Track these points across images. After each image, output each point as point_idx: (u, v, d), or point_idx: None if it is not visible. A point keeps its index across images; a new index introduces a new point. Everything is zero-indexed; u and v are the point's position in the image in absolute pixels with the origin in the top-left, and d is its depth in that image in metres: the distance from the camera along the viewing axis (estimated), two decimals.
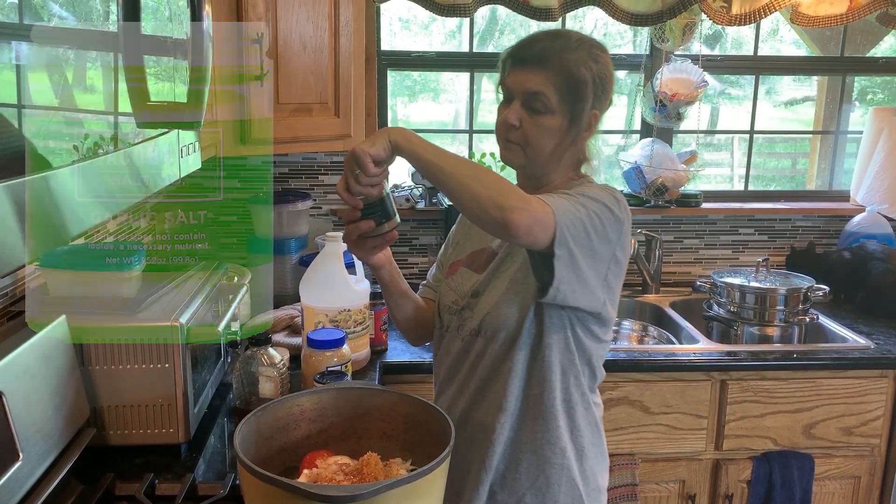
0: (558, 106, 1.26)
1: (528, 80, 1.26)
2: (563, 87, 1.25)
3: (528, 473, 1.32)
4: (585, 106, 1.27)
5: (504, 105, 1.32)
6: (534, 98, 1.26)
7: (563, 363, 1.30)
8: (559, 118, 1.26)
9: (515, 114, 1.28)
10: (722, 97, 3.37)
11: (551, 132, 1.27)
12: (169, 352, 1.33)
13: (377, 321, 1.98)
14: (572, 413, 1.33)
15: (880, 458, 2.17)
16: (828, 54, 2.84)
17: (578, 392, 1.33)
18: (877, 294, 2.43)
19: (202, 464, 1.37)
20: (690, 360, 2.07)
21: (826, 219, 2.77)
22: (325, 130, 2.06)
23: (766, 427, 2.11)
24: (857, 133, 2.86)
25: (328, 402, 1.16)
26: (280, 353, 1.58)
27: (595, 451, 1.37)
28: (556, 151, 1.30)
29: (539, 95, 1.25)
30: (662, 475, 2.12)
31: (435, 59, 2.67)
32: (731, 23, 2.42)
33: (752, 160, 2.91)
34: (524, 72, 1.26)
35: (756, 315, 2.32)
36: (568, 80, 1.25)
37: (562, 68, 1.25)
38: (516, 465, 1.33)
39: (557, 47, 1.26)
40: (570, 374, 1.31)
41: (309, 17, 1.95)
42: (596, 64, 1.27)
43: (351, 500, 0.87)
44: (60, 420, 1.17)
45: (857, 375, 2.10)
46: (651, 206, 2.61)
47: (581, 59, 1.26)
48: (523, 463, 1.32)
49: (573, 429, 1.33)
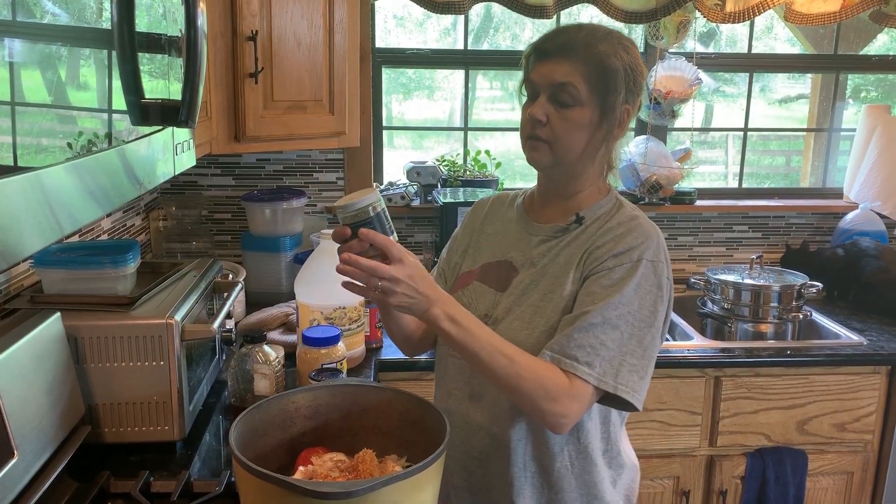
0: (588, 97, 1.17)
1: (555, 72, 1.17)
2: (593, 76, 1.16)
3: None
4: (617, 98, 1.18)
5: (529, 102, 1.23)
6: (561, 90, 1.17)
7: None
8: (589, 111, 1.18)
9: (542, 108, 1.18)
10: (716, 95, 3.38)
11: (581, 127, 1.19)
12: (164, 349, 1.33)
13: (372, 318, 1.98)
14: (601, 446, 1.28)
15: (873, 454, 2.19)
16: (821, 52, 2.85)
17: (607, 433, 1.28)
18: (869, 291, 2.44)
19: (197, 461, 1.37)
20: (685, 357, 2.07)
21: (819, 216, 2.78)
22: (319, 128, 2.06)
23: (759, 423, 2.11)
24: (850, 131, 2.87)
25: (323, 399, 1.16)
26: (275, 350, 1.58)
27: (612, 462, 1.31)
28: (588, 150, 1.21)
29: (567, 86, 1.16)
30: (657, 472, 2.12)
31: (430, 57, 2.67)
32: (726, 20, 2.43)
33: (746, 158, 2.92)
34: (550, 63, 1.18)
35: (750, 312, 2.33)
36: (598, 69, 1.16)
37: (590, 56, 1.16)
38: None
39: (584, 36, 1.18)
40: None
41: (303, 15, 1.95)
42: (627, 54, 1.19)
43: (346, 496, 0.87)
44: (55, 418, 1.16)
45: (850, 372, 2.11)
46: (645, 203, 2.62)
47: (611, 48, 1.17)
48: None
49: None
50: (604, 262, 1.18)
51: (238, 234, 2.49)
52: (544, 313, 1.21)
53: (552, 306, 1.21)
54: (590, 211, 1.26)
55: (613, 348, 1.13)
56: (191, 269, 1.61)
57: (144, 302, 1.40)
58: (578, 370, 1.11)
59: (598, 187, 1.29)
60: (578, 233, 1.25)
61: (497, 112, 4.48)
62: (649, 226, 1.22)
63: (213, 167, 2.48)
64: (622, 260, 1.17)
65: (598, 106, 1.18)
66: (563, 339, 1.14)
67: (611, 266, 1.17)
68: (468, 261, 1.37)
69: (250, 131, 1.89)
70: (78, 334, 1.30)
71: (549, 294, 1.22)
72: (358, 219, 1.06)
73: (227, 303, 1.59)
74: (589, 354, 1.12)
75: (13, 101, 0.65)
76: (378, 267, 1.05)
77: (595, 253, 1.20)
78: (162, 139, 1.07)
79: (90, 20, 0.81)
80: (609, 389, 1.12)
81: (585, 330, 1.13)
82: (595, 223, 1.25)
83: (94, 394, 1.32)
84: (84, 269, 1.37)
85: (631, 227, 1.21)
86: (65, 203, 0.74)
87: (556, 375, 1.11)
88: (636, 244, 1.18)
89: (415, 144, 4.15)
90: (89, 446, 1.28)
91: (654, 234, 1.21)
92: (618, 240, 1.20)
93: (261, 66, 1.86)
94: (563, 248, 1.25)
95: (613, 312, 1.14)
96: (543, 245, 1.27)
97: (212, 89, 1.78)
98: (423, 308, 1.09)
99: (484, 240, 1.36)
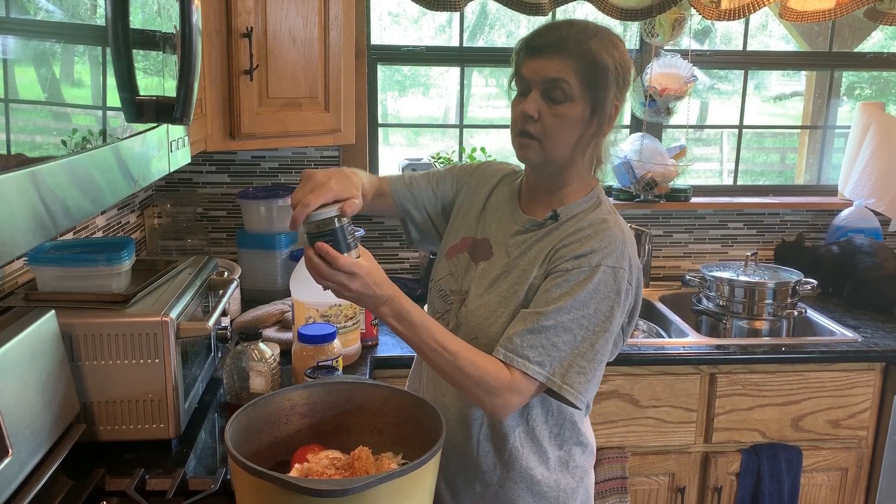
0: (580, 93, 1.18)
1: (547, 68, 1.18)
2: (585, 72, 1.17)
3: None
4: (608, 94, 1.20)
5: (519, 98, 1.23)
6: (553, 86, 1.18)
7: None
8: (580, 107, 1.19)
9: (534, 104, 1.19)
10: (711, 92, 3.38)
11: (572, 123, 1.20)
12: (159, 347, 1.33)
13: (368, 316, 1.98)
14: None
15: (867, 450, 2.20)
16: (816, 49, 2.85)
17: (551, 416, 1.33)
18: (864, 288, 2.45)
19: (193, 459, 1.37)
20: (680, 354, 2.08)
21: (814, 213, 2.79)
22: (314, 125, 2.06)
23: (754, 420, 2.12)
24: (844, 128, 2.88)
25: (319, 396, 1.16)
26: (271, 348, 1.58)
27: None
28: (577, 147, 1.23)
29: (559, 82, 1.17)
30: (652, 468, 2.13)
31: (425, 54, 2.66)
32: (721, 18, 2.43)
33: (741, 155, 2.92)
34: (542, 59, 1.18)
35: (745, 309, 2.34)
36: (590, 66, 1.17)
37: (582, 53, 1.17)
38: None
39: (575, 33, 1.19)
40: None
41: (298, 11, 1.95)
42: (616, 51, 1.20)
43: (342, 494, 0.88)
44: (50, 416, 1.16)
45: (845, 368, 2.12)
46: (640, 200, 2.62)
47: (602, 45, 1.19)
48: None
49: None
50: (565, 261, 1.21)
51: (233, 232, 2.48)
52: (508, 305, 1.25)
53: (516, 299, 1.25)
54: (567, 208, 1.28)
55: (565, 350, 1.18)
56: (186, 267, 1.60)
57: (139, 299, 1.39)
58: (529, 369, 1.17)
59: (584, 182, 1.30)
60: (552, 229, 1.27)
61: (492, 109, 4.48)
62: (618, 230, 1.23)
63: (208, 164, 2.47)
64: (581, 263, 1.20)
65: (590, 102, 1.20)
66: (517, 338, 1.18)
67: (569, 268, 1.20)
68: (461, 228, 1.40)
69: (245, 128, 1.89)
70: (72, 332, 1.30)
71: (515, 286, 1.26)
72: (319, 230, 1.10)
73: (223, 300, 1.58)
74: (540, 354, 1.17)
75: (7, 98, 0.65)
76: (330, 275, 1.09)
77: (560, 252, 1.23)
78: (157, 136, 1.06)
79: (84, 17, 0.81)
80: (555, 388, 1.18)
81: (538, 332, 1.17)
82: (570, 221, 1.27)
83: (88, 392, 1.32)
84: (78, 266, 1.37)
85: (599, 229, 1.22)
86: (59, 200, 0.73)
87: (499, 370, 1.17)
88: (598, 247, 1.20)
89: (410, 142, 4.15)
90: (84, 444, 1.27)
91: (619, 239, 1.22)
92: (582, 241, 1.22)
93: (256, 63, 1.85)
94: (534, 242, 1.28)
95: (567, 316, 1.18)
96: (519, 236, 1.31)
97: (207, 86, 1.77)
98: (371, 306, 1.14)
99: (484, 213, 1.39)
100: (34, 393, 1.13)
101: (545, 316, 1.17)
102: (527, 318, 1.19)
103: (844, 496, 2.23)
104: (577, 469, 1.36)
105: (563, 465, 1.34)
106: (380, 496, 0.90)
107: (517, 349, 1.17)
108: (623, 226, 1.26)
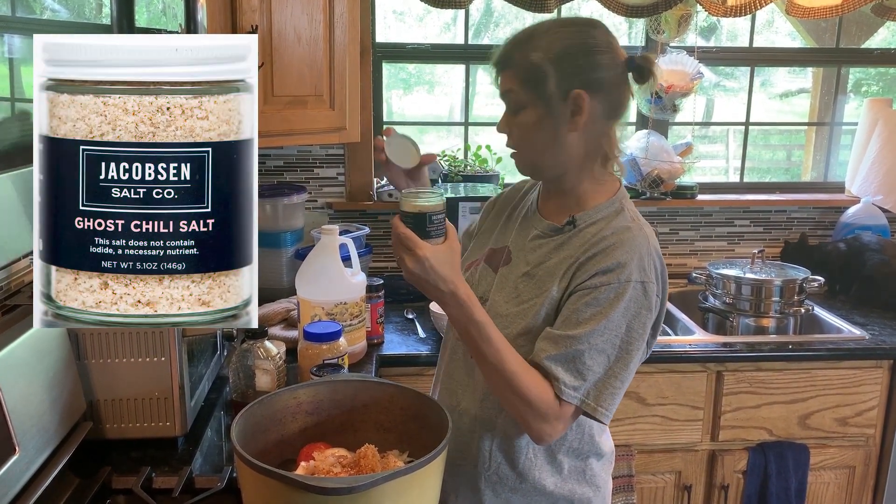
0: (527, 97, 1.20)
1: (502, 84, 1.24)
2: (523, 76, 1.21)
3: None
4: (548, 85, 1.18)
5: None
6: (508, 99, 1.24)
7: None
8: (532, 109, 1.20)
9: (503, 121, 1.27)
10: (717, 89, 3.37)
11: (534, 127, 1.22)
12: (165, 345, 1.33)
13: (373, 314, 1.98)
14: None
15: (875, 448, 2.19)
16: (823, 46, 2.84)
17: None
18: (871, 285, 2.44)
19: (199, 457, 1.37)
20: (686, 352, 2.07)
21: (821, 210, 2.78)
22: (320, 123, 2.05)
23: (761, 418, 2.11)
24: (852, 125, 2.87)
25: (325, 394, 1.16)
26: (276, 346, 1.58)
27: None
28: (551, 145, 1.22)
29: (509, 94, 1.23)
30: (659, 466, 2.13)
31: (430, 52, 2.66)
32: (727, 14, 2.42)
33: (748, 152, 2.91)
34: (499, 77, 1.25)
35: (751, 306, 2.33)
36: (525, 69, 1.20)
37: (519, 60, 1.21)
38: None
39: (516, 42, 1.22)
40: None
41: (303, 10, 1.95)
42: (555, 41, 1.19)
43: (348, 491, 0.87)
44: (57, 414, 1.16)
45: (852, 366, 2.11)
46: (647, 198, 2.62)
47: (534, 42, 1.20)
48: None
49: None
50: (591, 276, 1.18)
51: None
52: (525, 316, 1.23)
53: (533, 311, 1.23)
54: (586, 214, 1.25)
55: (600, 372, 1.17)
56: None
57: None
58: (565, 394, 1.15)
59: (601, 183, 1.28)
60: (571, 235, 1.25)
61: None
62: (642, 238, 1.21)
63: None
64: (609, 279, 1.17)
65: (538, 100, 1.20)
66: (551, 361, 1.16)
67: (597, 284, 1.17)
68: (479, 246, 1.41)
69: None
70: (79, 330, 1.30)
71: (534, 298, 1.23)
72: (414, 210, 1.12)
73: None
74: (576, 379, 1.16)
75: (13, 98, 0.65)
76: (411, 238, 1.10)
77: (585, 266, 1.20)
78: None
79: (90, 16, 0.81)
80: (589, 411, 1.18)
81: (573, 357, 1.15)
82: (590, 228, 1.24)
83: (95, 390, 1.32)
84: None
85: (623, 238, 1.20)
86: None
87: (549, 396, 1.15)
88: (625, 260, 1.17)
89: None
90: (91, 442, 1.28)
91: (644, 249, 1.20)
92: (606, 252, 1.19)
93: (261, 61, 1.85)
94: (553, 249, 1.26)
95: (600, 339, 1.16)
96: (537, 240, 1.29)
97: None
98: (440, 292, 1.12)
99: (508, 221, 1.39)
100: (41, 391, 1.13)
101: (578, 340, 1.15)
102: (559, 343, 1.16)
103: (852, 494, 2.22)
104: (594, 478, 1.33)
105: (580, 474, 1.32)
106: (386, 494, 0.90)
107: (552, 371, 1.16)
108: (648, 233, 1.23)
